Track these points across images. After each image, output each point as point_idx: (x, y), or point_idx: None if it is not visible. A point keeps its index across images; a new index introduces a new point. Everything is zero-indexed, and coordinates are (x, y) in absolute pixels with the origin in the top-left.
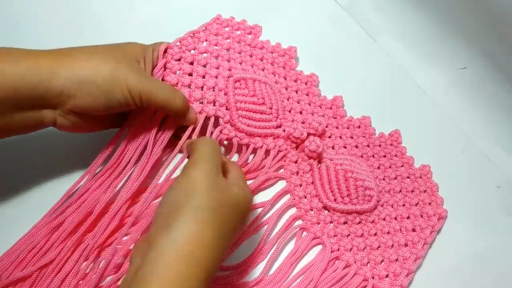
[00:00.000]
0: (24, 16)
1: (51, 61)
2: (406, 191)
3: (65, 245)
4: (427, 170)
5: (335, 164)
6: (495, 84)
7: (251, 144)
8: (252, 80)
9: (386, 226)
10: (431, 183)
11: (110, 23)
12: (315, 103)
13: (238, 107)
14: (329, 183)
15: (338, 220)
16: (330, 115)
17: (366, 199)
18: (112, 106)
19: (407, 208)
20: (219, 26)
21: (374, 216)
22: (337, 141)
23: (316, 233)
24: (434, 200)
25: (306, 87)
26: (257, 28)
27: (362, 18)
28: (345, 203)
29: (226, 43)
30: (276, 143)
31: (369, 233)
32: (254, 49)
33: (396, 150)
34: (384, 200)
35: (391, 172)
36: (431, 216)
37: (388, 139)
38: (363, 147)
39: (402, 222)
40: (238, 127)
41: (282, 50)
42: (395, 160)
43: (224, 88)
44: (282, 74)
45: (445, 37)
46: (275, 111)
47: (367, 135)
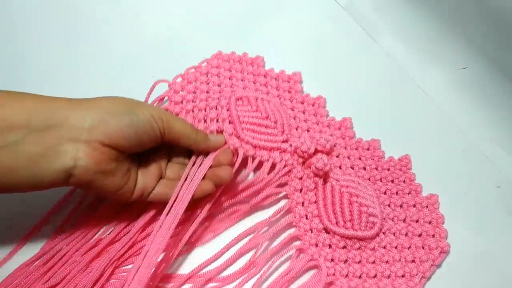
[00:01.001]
0: (24, 19)
1: (69, 101)
2: (410, 220)
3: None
4: (434, 199)
5: (341, 185)
6: (495, 84)
7: (257, 156)
8: (254, 98)
9: (385, 254)
10: (437, 214)
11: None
12: (323, 123)
13: (241, 120)
14: (333, 205)
15: (337, 244)
16: (339, 135)
17: (368, 225)
18: (137, 128)
19: (409, 238)
20: (220, 60)
21: (375, 243)
22: (345, 161)
23: (313, 255)
24: (438, 233)
25: (313, 108)
26: (259, 59)
27: (362, 18)
28: (346, 228)
29: (228, 73)
30: (283, 157)
31: (368, 261)
32: (257, 77)
33: (405, 176)
34: (386, 227)
35: (397, 199)
36: (433, 249)
37: (398, 164)
38: (371, 170)
39: (402, 252)
40: (243, 139)
41: (286, 76)
42: (402, 186)
43: (226, 105)
44: (287, 97)
45: (445, 37)
46: (280, 125)
47: (376, 157)
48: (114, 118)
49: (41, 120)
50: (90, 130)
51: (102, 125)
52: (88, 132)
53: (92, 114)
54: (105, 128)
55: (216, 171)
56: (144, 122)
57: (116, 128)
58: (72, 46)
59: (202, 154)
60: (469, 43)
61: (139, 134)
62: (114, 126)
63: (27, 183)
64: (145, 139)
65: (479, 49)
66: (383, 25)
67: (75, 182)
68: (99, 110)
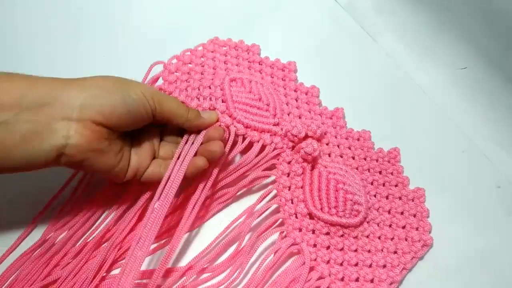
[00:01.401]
0: (20, 15)
1: (61, 80)
2: (395, 211)
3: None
4: (420, 193)
5: (328, 172)
6: (495, 84)
7: (247, 136)
8: (248, 80)
9: (368, 244)
10: (422, 208)
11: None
12: (315, 111)
13: (234, 100)
14: (319, 191)
15: (320, 229)
16: (330, 124)
17: (353, 213)
18: (130, 107)
19: (393, 229)
20: (216, 45)
21: (358, 231)
22: (334, 149)
23: (295, 239)
24: (422, 226)
25: (306, 97)
26: (255, 46)
27: (362, 18)
28: (331, 214)
29: (223, 58)
30: (273, 140)
31: (350, 248)
32: (252, 63)
33: (393, 168)
34: (371, 217)
35: (384, 190)
36: (416, 241)
37: (386, 156)
38: (359, 159)
39: (385, 242)
40: (235, 117)
41: (281, 65)
42: (390, 178)
43: (220, 85)
44: (281, 85)
45: (445, 37)
46: (273, 109)
47: (365, 148)
48: (106, 97)
49: (33, 99)
50: (82, 108)
51: (93, 104)
52: (80, 111)
53: (84, 93)
54: (97, 106)
55: (207, 146)
56: (136, 100)
57: (107, 107)
58: (70, 40)
59: (194, 132)
60: (469, 43)
61: (131, 112)
62: (106, 105)
63: (20, 163)
64: (137, 117)
65: (479, 49)
66: (383, 25)
67: (67, 161)
68: (91, 89)
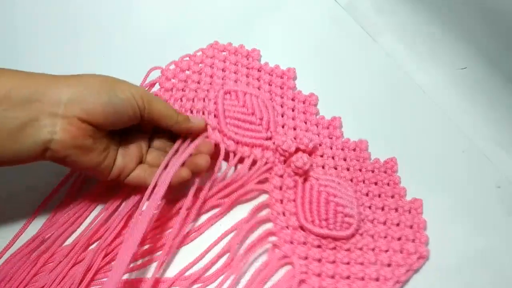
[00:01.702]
0: (24, 21)
1: (47, 77)
2: (391, 223)
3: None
4: (418, 204)
5: (320, 184)
6: (495, 84)
7: (238, 152)
8: (243, 93)
9: (360, 256)
10: (419, 219)
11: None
12: (311, 121)
13: (226, 115)
14: (310, 203)
15: (312, 242)
16: (326, 135)
17: (344, 226)
18: (116, 106)
19: (388, 241)
20: (216, 51)
21: (351, 244)
22: (328, 161)
23: (286, 252)
24: (418, 238)
25: (304, 106)
26: (255, 52)
27: (362, 18)
28: (321, 227)
29: (221, 65)
30: (265, 154)
31: (342, 261)
32: (251, 70)
33: (389, 178)
34: (364, 229)
35: (379, 201)
36: (412, 254)
37: (383, 166)
38: (354, 171)
39: (379, 255)
40: (225, 134)
41: (280, 72)
42: (385, 189)
43: (214, 98)
44: (279, 93)
45: (445, 37)
46: (266, 123)
47: (361, 159)
48: (92, 95)
49: (20, 95)
50: (68, 105)
51: (80, 101)
52: (66, 107)
53: (71, 90)
54: (83, 104)
55: (193, 159)
56: (124, 100)
57: (94, 105)
58: (69, 41)
59: (183, 137)
60: (469, 43)
61: (118, 112)
62: (91, 103)
63: (7, 158)
64: (124, 117)
65: (479, 49)
66: (383, 25)
67: (52, 156)
68: (78, 86)
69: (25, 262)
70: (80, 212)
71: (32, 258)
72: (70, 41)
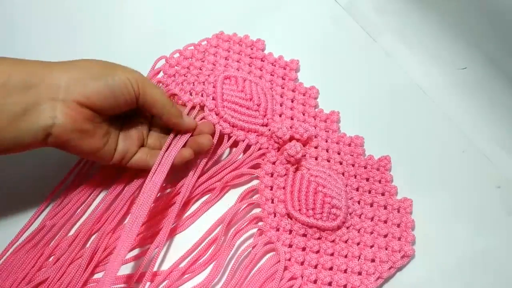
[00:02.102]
0: (24, 19)
1: (47, 63)
2: (378, 219)
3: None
4: (407, 204)
5: (310, 174)
6: (495, 84)
7: (233, 135)
8: (243, 79)
9: (345, 249)
10: (407, 219)
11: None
12: (309, 113)
13: (224, 98)
14: (299, 192)
15: (297, 231)
16: (323, 128)
17: (330, 217)
18: (113, 89)
19: (373, 237)
20: (220, 41)
21: (336, 236)
22: (322, 153)
23: (271, 238)
24: (405, 237)
25: (303, 98)
26: (259, 42)
27: (362, 18)
28: (307, 216)
29: (225, 54)
30: (259, 140)
31: (326, 252)
32: (254, 60)
33: (381, 176)
34: (351, 223)
35: (369, 197)
36: (396, 251)
37: (376, 163)
38: (347, 165)
39: (364, 250)
40: (221, 116)
41: (283, 62)
42: (376, 186)
43: (213, 82)
44: (279, 83)
45: (445, 37)
46: (263, 109)
47: (355, 154)
48: (90, 79)
49: (19, 81)
50: (67, 89)
51: (78, 85)
52: (65, 92)
53: (69, 74)
54: (82, 88)
55: (196, 139)
56: (120, 84)
57: (92, 89)
58: (72, 40)
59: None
60: (469, 43)
61: (115, 95)
62: (90, 87)
63: (8, 145)
64: (121, 101)
65: (479, 49)
66: (383, 25)
67: (54, 141)
68: (76, 71)
69: (29, 254)
70: (83, 199)
71: (37, 249)
72: (77, 32)
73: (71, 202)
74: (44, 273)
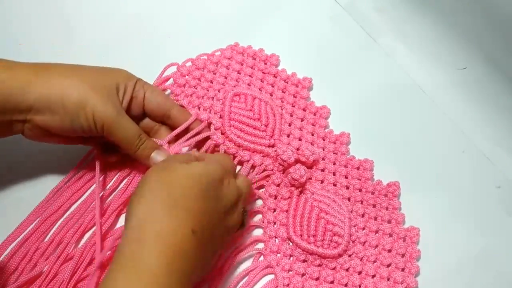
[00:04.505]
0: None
1: (26, 76)
2: (382, 248)
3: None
4: (414, 233)
5: (314, 199)
6: (495, 84)
7: (238, 155)
8: (252, 97)
9: (345, 277)
10: (413, 249)
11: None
12: (318, 134)
13: (231, 117)
14: (301, 217)
15: (298, 256)
16: (331, 149)
17: (332, 245)
18: (76, 129)
19: (376, 267)
20: (234, 52)
21: (337, 263)
22: (329, 177)
23: (270, 262)
24: (409, 268)
25: (314, 118)
26: (273, 57)
27: (362, 18)
28: (308, 242)
29: (238, 67)
30: (264, 161)
31: (325, 280)
32: (267, 75)
33: (389, 202)
34: (354, 250)
35: (374, 225)
36: (398, 283)
37: (384, 189)
38: (354, 190)
39: (365, 279)
40: (227, 136)
41: (296, 80)
42: (383, 213)
43: (222, 98)
44: (290, 101)
45: (445, 37)
46: (270, 130)
47: (363, 178)
48: (56, 113)
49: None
50: (33, 113)
51: (42, 114)
52: (31, 114)
53: (40, 102)
54: (46, 117)
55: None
56: (83, 126)
57: (53, 123)
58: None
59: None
60: (469, 43)
61: (77, 132)
62: (52, 121)
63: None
64: (83, 133)
65: (479, 49)
66: (383, 25)
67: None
68: (48, 99)
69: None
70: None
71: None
72: (84, 35)
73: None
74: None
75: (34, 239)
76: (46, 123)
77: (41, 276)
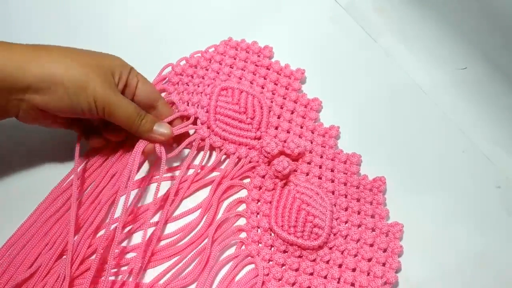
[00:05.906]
0: (21, 15)
1: (24, 56)
2: (364, 242)
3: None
4: (397, 228)
5: (297, 191)
6: (495, 84)
7: (223, 148)
8: (239, 91)
9: (325, 269)
10: (395, 244)
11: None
12: (307, 126)
13: (217, 111)
14: (283, 208)
15: (278, 247)
16: (319, 143)
17: (312, 236)
18: (76, 111)
19: (357, 260)
20: (227, 47)
21: (317, 255)
22: (314, 170)
23: (251, 252)
24: (390, 263)
25: (304, 110)
26: (267, 49)
27: (362, 18)
28: (289, 233)
29: (230, 61)
30: (249, 153)
31: (305, 271)
32: (259, 67)
33: (373, 197)
34: (335, 243)
35: (357, 219)
36: (378, 277)
37: (369, 184)
38: (338, 184)
39: (344, 272)
40: (213, 129)
41: (288, 71)
42: (367, 208)
43: (210, 93)
44: (282, 93)
45: (445, 37)
46: (257, 123)
47: (349, 172)
48: (55, 94)
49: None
50: (30, 94)
51: (42, 94)
52: (28, 95)
53: (38, 81)
54: (45, 98)
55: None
56: (84, 108)
57: (53, 103)
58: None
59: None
60: (469, 43)
61: (77, 114)
62: (52, 101)
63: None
64: (83, 117)
65: (479, 49)
66: (383, 25)
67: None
68: (46, 83)
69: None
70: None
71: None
72: (84, 36)
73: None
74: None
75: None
76: (43, 103)
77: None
